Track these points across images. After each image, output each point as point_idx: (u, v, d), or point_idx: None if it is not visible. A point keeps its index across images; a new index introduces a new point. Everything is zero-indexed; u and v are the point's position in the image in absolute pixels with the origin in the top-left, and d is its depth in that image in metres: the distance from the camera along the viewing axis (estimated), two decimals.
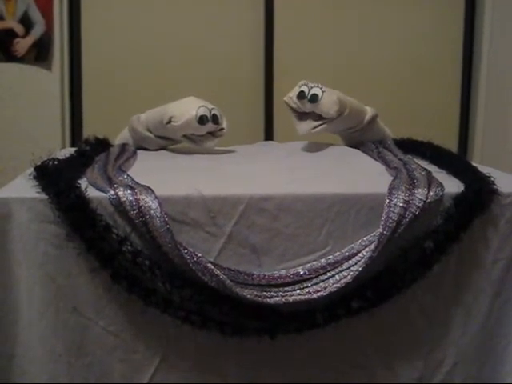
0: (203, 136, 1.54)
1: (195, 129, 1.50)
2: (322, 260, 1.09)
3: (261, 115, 2.67)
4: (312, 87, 1.52)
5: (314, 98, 1.50)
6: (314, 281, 1.07)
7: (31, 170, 1.15)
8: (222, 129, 1.55)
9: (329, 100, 1.50)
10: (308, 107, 1.53)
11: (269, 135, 2.67)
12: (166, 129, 1.54)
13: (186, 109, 1.51)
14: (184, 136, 1.54)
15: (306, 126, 1.55)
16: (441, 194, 1.11)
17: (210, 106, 1.51)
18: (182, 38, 2.63)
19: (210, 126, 1.51)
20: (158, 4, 2.63)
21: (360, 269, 1.05)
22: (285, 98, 1.59)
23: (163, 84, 2.58)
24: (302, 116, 1.56)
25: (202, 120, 1.48)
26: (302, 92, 1.52)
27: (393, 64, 2.74)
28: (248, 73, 2.68)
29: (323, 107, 1.51)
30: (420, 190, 1.11)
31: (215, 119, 1.51)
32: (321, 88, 1.52)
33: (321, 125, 1.53)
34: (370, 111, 1.61)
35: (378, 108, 1.64)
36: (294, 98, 1.54)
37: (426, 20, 2.74)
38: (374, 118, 1.61)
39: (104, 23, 2.61)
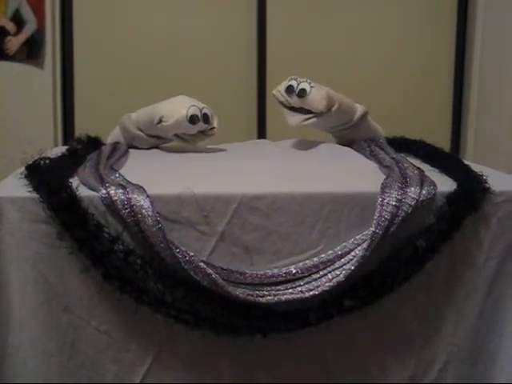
0: (194, 135, 1.53)
1: (186, 128, 1.50)
2: (315, 259, 1.09)
3: (253, 113, 2.67)
4: (301, 82, 1.53)
5: (302, 93, 1.51)
6: (307, 280, 1.07)
7: (22, 169, 1.14)
8: (213, 128, 1.55)
9: (317, 95, 1.51)
10: (296, 102, 1.53)
11: (261, 133, 2.66)
12: (157, 128, 1.54)
13: (177, 108, 1.50)
14: (175, 135, 1.54)
15: (297, 118, 1.55)
16: (433, 192, 1.11)
17: (201, 106, 1.51)
18: (174, 37, 2.63)
19: (200, 126, 1.50)
20: (150, 3, 2.62)
21: (352, 267, 1.05)
22: (273, 91, 1.59)
23: (155, 82, 2.57)
24: (291, 110, 1.57)
25: (192, 120, 1.48)
26: (291, 86, 1.53)
27: (385, 62, 2.74)
28: (240, 71, 2.68)
29: (311, 102, 1.51)
30: (412, 188, 1.11)
31: (206, 118, 1.50)
32: (309, 83, 1.52)
33: (311, 118, 1.54)
34: (360, 108, 1.62)
35: (370, 106, 1.64)
36: (282, 92, 1.55)
37: (419, 18, 2.75)
38: (364, 115, 1.61)
39: (96, 21, 2.60)
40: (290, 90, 1.53)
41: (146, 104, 1.61)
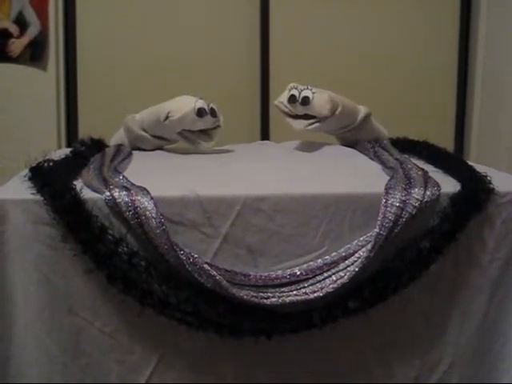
0: (199, 137, 1.53)
1: (193, 121, 1.50)
2: (319, 260, 1.09)
3: (257, 114, 2.67)
4: (302, 90, 1.51)
5: (305, 101, 1.49)
6: (311, 281, 1.07)
7: (26, 171, 1.14)
8: (218, 126, 1.55)
9: (320, 100, 1.50)
10: (300, 110, 1.52)
11: (265, 135, 2.66)
12: (164, 126, 1.53)
13: (184, 103, 1.51)
14: (180, 134, 1.53)
15: (301, 124, 1.55)
16: (437, 193, 1.11)
17: (208, 101, 1.51)
18: (177, 39, 2.62)
19: (208, 119, 1.50)
20: (153, 5, 2.62)
21: (357, 269, 1.05)
22: (275, 103, 1.58)
23: (158, 84, 2.57)
24: (295, 117, 1.56)
25: (200, 112, 1.48)
26: (293, 96, 1.52)
27: (389, 63, 2.73)
28: (243, 71, 2.67)
29: (316, 108, 1.50)
30: (416, 189, 1.10)
31: (213, 112, 1.50)
32: (311, 89, 1.51)
33: (315, 122, 1.53)
34: (362, 110, 1.61)
35: (374, 107, 1.64)
36: (285, 102, 1.54)
37: (422, 19, 2.74)
38: (367, 117, 1.61)
39: (99, 23, 2.60)
40: (292, 99, 1.52)
41: (149, 105, 1.61)
